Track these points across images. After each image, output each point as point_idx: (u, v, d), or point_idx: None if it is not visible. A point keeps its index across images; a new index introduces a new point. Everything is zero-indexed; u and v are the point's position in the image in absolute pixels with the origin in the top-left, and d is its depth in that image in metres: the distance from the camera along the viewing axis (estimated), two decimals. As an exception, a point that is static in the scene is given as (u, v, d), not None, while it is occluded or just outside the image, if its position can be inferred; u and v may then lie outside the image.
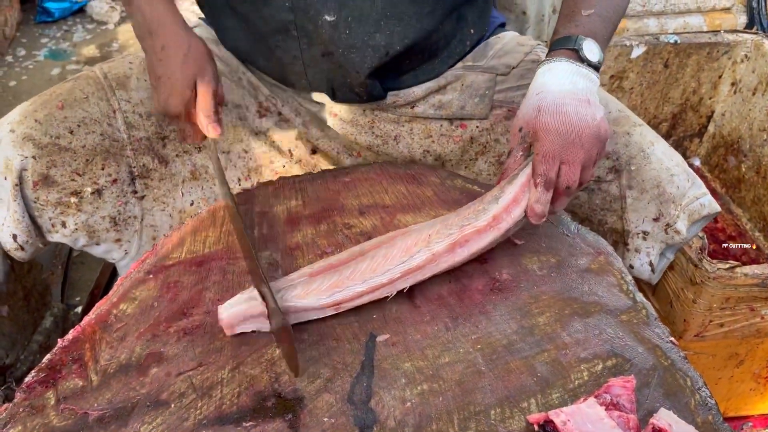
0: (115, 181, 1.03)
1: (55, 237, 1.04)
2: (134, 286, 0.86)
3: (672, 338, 0.80)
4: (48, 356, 0.77)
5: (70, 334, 0.80)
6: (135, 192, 1.07)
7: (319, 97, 1.10)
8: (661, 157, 1.03)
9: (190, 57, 0.89)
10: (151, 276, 0.88)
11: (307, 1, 0.95)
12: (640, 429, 0.67)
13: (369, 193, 1.02)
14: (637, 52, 1.79)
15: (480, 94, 1.10)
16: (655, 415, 0.69)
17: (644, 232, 1.05)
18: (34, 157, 0.97)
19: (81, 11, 3.30)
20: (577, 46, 0.89)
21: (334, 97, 1.07)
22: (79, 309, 1.64)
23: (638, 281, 1.04)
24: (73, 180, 1.00)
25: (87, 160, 1.00)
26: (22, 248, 1.02)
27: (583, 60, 0.88)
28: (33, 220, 1.01)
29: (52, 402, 0.72)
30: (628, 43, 1.79)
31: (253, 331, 0.79)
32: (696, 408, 0.72)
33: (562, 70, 0.88)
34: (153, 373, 0.75)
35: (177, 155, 1.09)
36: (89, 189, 1.01)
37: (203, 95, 0.90)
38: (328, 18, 0.95)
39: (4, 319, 1.21)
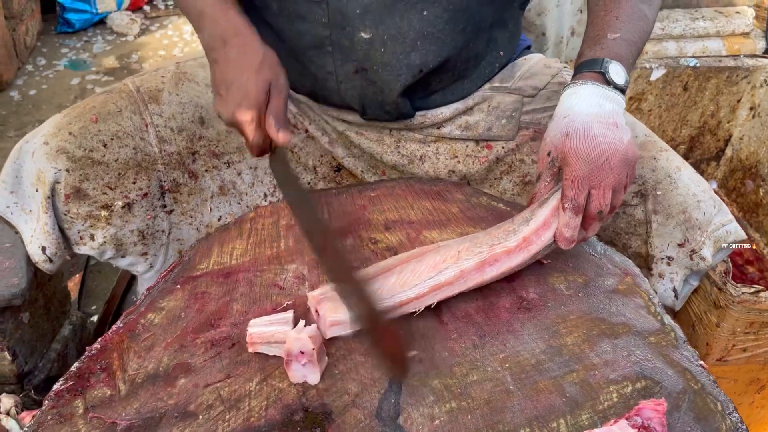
0: (145, 195, 1.04)
1: (82, 249, 1.04)
2: (162, 296, 0.87)
3: (701, 362, 0.79)
4: (76, 364, 0.77)
5: (98, 343, 0.80)
6: (164, 206, 1.07)
7: (348, 115, 1.11)
8: (687, 183, 1.02)
9: (265, 64, 0.88)
10: (178, 286, 0.88)
11: (344, 17, 0.96)
12: (673, 453, 0.67)
13: (395, 209, 1.02)
14: (656, 74, 1.80)
15: (507, 116, 1.11)
16: (687, 439, 0.68)
17: (668, 258, 1.04)
18: (67, 170, 0.97)
19: (101, 23, 3.35)
20: (603, 69, 0.89)
21: (364, 114, 1.07)
22: (95, 318, 1.64)
23: (661, 306, 1.04)
24: (104, 193, 1.00)
25: (119, 173, 1.01)
26: (51, 260, 1.02)
27: (609, 83, 0.88)
28: (62, 232, 1.02)
29: (81, 410, 0.72)
30: (647, 65, 1.80)
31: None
32: (727, 433, 0.71)
33: (589, 93, 0.88)
34: (181, 384, 0.75)
35: (206, 170, 1.09)
36: (120, 203, 1.02)
37: (276, 100, 0.88)
38: (364, 35, 0.96)
39: (25, 326, 1.21)
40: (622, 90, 0.89)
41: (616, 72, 0.89)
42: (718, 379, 1.23)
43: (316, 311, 0.80)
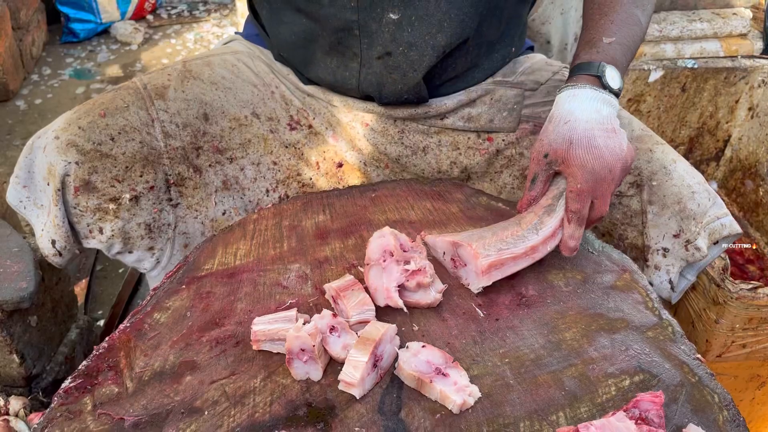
0: (152, 188, 1.06)
1: (91, 243, 1.06)
2: (167, 296, 0.88)
3: (698, 355, 0.80)
4: (84, 363, 0.79)
5: (106, 342, 0.82)
6: (170, 200, 1.09)
7: (356, 102, 1.13)
8: (682, 174, 1.04)
9: None
10: (183, 286, 0.90)
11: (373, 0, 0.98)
12: (670, 443, 0.68)
13: (395, 209, 1.04)
14: (654, 76, 1.82)
15: (509, 108, 1.14)
16: (684, 430, 0.69)
17: (664, 249, 1.06)
18: (77, 162, 1.00)
19: (105, 32, 3.38)
20: (600, 73, 0.92)
21: (380, 100, 1.09)
22: (102, 323, 1.66)
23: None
24: (112, 186, 1.03)
25: (126, 167, 1.03)
26: (60, 254, 1.05)
27: (605, 86, 0.91)
28: (71, 225, 1.04)
29: (89, 407, 0.74)
30: (645, 67, 1.82)
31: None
32: (724, 424, 0.72)
33: (587, 97, 0.90)
34: (187, 381, 0.76)
35: (210, 165, 1.12)
36: (127, 195, 1.04)
37: None
38: (392, 16, 0.99)
39: (33, 329, 1.23)
40: (616, 94, 0.92)
41: (612, 77, 0.93)
42: (718, 376, 1.25)
43: (337, 297, 0.83)
